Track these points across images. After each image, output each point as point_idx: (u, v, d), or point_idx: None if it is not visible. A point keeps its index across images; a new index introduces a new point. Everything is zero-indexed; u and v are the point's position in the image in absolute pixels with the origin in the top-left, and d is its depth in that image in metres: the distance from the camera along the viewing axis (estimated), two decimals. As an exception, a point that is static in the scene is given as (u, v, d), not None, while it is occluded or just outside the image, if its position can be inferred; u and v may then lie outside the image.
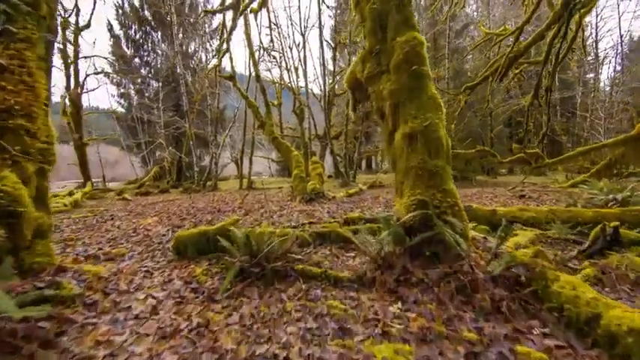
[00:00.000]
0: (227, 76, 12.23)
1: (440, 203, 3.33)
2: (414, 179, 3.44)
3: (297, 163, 10.42)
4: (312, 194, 9.27)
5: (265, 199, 10.06)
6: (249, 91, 14.78)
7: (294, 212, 7.48)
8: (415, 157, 3.46)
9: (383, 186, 15.81)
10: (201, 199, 12.98)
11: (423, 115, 3.51)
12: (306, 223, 5.82)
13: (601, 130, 17.79)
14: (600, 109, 18.01)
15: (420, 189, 3.39)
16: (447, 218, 3.27)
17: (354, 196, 12.47)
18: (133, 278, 3.45)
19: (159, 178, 18.22)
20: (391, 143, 3.82)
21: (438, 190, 3.38)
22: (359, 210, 7.48)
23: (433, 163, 3.42)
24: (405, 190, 3.52)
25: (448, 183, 3.45)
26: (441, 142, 3.50)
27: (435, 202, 3.32)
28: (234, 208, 8.78)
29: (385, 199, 9.55)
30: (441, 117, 3.59)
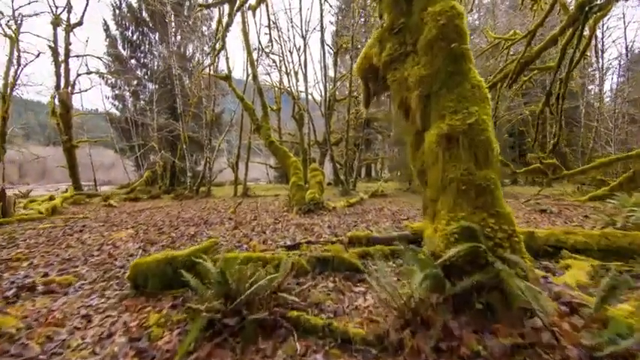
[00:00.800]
0: (222, 76, 11.29)
1: (493, 232, 2.32)
2: (455, 197, 2.44)
3: (295, 170, 9.42)
4: (311, 205, 8.25)
5: (258, 210, 9.03)
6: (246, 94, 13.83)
7: (290, 226, 6.46)
8: (456, 166, 2.46)
9: (385, 195, 14.81)
10: (192, 206, 11.94)
11: (466, 110, 2.52)
12: (303, 243, 4.80)
13: (610, 140, 16.89)
14: (609, 119, 17.13)
15: (465, 211, 2.39)
16: (504, 254, 2.26)
17: (355, 205, 11.47)
18: (57, 332, 2.41)
19: (151, 183, 17.18)
20: (418, 147, 2.82)
21: (490, 212, 2.37)
22: (364, 225, 6.47)
23: (482, 174, 2.42)
24: (441, 212, 2.52)
25: (501, 203, 2.45)
26: (490, 146, 2.51)
27: (486, 231, 2.32)
28: (224, 219, 7.75)
29: (391, 212, 8.54)
30: (488, 112, 2.60)
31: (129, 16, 21.69)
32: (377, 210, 9.02)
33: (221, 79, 11.60)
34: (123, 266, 4.06)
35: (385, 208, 9.56)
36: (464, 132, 2.47)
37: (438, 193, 2.58)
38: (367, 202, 12.18)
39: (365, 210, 8.99)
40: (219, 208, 11.08)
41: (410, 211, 8.63)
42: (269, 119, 10.44)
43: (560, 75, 13.03)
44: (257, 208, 10.23)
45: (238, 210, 9.64)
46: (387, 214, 8.04)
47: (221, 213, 9.44)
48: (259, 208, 10.12)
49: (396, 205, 10.85)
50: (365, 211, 8.80)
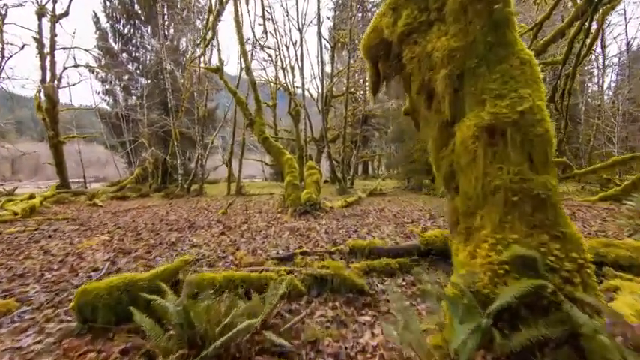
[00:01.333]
0: (213, 68, 10.55)
1: (558, 262, 1.65)
2: (503, 212, 1.76)
3: (290, 168, 8.73)
4: (307, 206, 7.57)
5: (250, 211, 8.34)
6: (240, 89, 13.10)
7: (283, 231, 5.77)
8: (503, 169, 1.79)
9: (384, 194, 14.16)
10: (182, 206, 11.22)
11: (515, 93, 1.85)
12: (297, 253, 4.12)
13: (613, 138, 16.32)
14: (612, 117, 16.56)
15: (517, 231, 1.71)
16: (576, 293, 1.60)
17: (353, 205, 10.82)
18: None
19: (142, 181, 16.41)
20: (445, 144, 2.15)
21: (552, 234, 1.70)
22: (365, 230, 5.79)
23: (541, 181, 1.75)
24: (482, 232, 1.84)
25: (567, 221, 1.78)
26: (550, 143, 1.84)
27: (548, 260, 1.65)
28: (212, 222, 7.04)
29: (392, 213, 7.87)
30: (543, 97, 1.93)
31: (120, 8, 20.79)
32: (377, 211, 8.35)
33: (212, 72, 10.84)
34: (82, 284, 3.36)
35: (386, 208, 8.89)
36: (514, 123, 1.79)
37: (475, 204, 1.90)
38: (366, 202, 11.53)
39: (364, 211, 8.32)
40: (210, 208, 10.38)
41: (412, 213, 7.97)
42: (263, 114, 9.72)
43: (565, 70, 12.42)
44: (249, 209, 9.54)
45: (229, 211, 8.95)
46: (389, 217, 7.37)
47: (210, 214, 8.75)
48: (252, 209, 9.43)
49: (397, 205, 10.19)
50: (365, 212, 8.13)
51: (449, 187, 2.18)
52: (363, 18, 25.33)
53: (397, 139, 18.57)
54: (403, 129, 17.30)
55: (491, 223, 1.79)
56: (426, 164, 16.89)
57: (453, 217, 2.15)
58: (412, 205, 9.92)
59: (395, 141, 19.25)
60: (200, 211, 9.62)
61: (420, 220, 6.94)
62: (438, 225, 6.35)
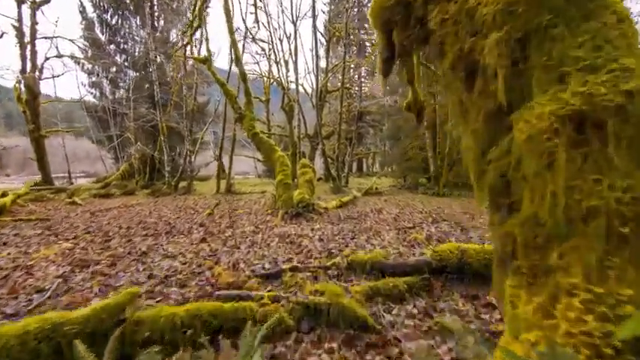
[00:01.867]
0: (201, 58, 9.78)
1: None
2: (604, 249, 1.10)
3: (282, 166, 8.03)
4: (300, 207, 6.90)
5: (234, 216, 7.64)
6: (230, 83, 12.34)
7: (272, 238, 5.09)
8: (602, 180, 1.12)
9: (380, 193, 13.53)
10: (168, 205, 10.48)
11: (615, 64, 1.18)
12: (286, 269, 3.45)
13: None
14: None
15: (632, 282, 1.05)
16: None
17: (348, 205, 10.18)
18: None
19: (128, 177, 15.57)
20: (498, 140, 1.47)
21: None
22: (363, 237, 5.14)
23: (668, 201, 1.09)
24: (564, 278, 1.17)
25: None
26: (672, 140, 1.17)
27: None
28: (194, 225, 6.33)
29: (391, 216, 7.23)
30: (653, 71, 1.26)
31: (107, -3, 19.79)
32: (375, 213, 7.70)
33: (200, 62, 10.08)
34: (16, 314, 2.66)
35: (384, 210, 8.25)
36: (618, 109, 1.13)
37: (550, 233, 1.24)
38: (361, 201, 10.89)
39: (361, 213, 7.66)
40: (197, 207, 9.66)
41: (413, 215, 7.34)
42: (253, 107, 8.99)
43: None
44: (237, 209, 8.83)
45: (216, 211, 8.24)
46: (388, 220, 6.73)
47: (196, 215, 8.04)
48: (240, 210, 8.73)
49: (394, 205, 9.56)
50: (362, 214, 7.47)
51: (498, 203, 1.51)
52: (359, 12, 24.60)
53: (393, 136, 17.94)
54: (400, 126, 16.68)
55: (582, 267, 1.13)
56: (422, 162, 16.33)
57: (506, 245, 1.48)
58: (410, 205, 9.30)
59: (391, 138, 18.63)
60: (185, 212, 8.90)
61: (423, 224, 6.30)
62: (443, 230, 5.72)
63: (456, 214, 7.48)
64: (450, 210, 8.26)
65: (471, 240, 5.05)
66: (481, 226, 6.11)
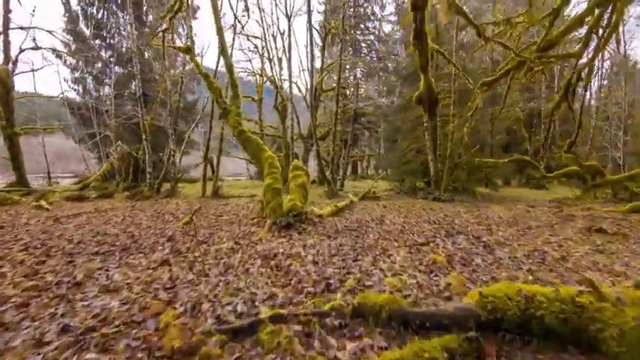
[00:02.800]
0: (183, 47, 8.60)
1: None
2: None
3: (272, 168, 6.89)
4: (290, 217, 5.76)
5: (214, 226, 6.44)
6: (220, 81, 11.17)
7: (254, 260, 3.94)
8: None
9: (377, 198, 12.44)
10: (145, 210, 9.28)
11: None
12: (265, 319, 2.32)
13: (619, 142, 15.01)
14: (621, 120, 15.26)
15: None
16: None
17: (344, 211, 9.11)
18: None
19: (109, 178, 14.28)
20: None
21: None
22: (368, 257, 4.01)
23: None
24: None
25: None
26: None
27: None
28: (161, 239, 5.14)
29: (397, 227, 6.13)
30: None
31: (93, -11, 18.50)
32: (377, 223, 6.59)
33: (181, 51, 8.91)
34: None
35: (386, 218, 7.15)
36: None
37: None
38: (358, 207, 9.81)
39: (361, 223, 6.55)
40: (177, 213, 8.49)
41: (420, 225, 6.25)
42: (240, 102, 7.84)
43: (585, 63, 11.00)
44: (220, 216, 7.67)
45: (195, 219, 7.05)
46: (393, 232, 5.62)
47: (171, 223, 6.88)
48: (223, 218, 7.56)
49: (396, 212, 8.49)
50: (362, 224, 6.36)
51: None
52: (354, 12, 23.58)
53: (390, 138, 16.89)
54: (397, 127, 15.62)
55: None
56: (421, 165, 15.30)
57: None
58: (415, 213, 8.22)
59: (387, 140, 17.57)
60: (161, 218, 7.72)
61: (435, 238, 5.21)
62: (462, 247, 4.64)
63: (469, 225, 6.41)
64: (460, 219, 7.18)
65: (501, 262, 3.97)
66: (505, 241, 5.03)
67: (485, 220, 6.94)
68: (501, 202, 12.77)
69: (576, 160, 7.13)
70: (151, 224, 6.72)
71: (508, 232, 5.66)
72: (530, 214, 7.94)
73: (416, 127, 15.05)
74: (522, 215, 7.72)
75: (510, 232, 5.66)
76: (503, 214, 7.94)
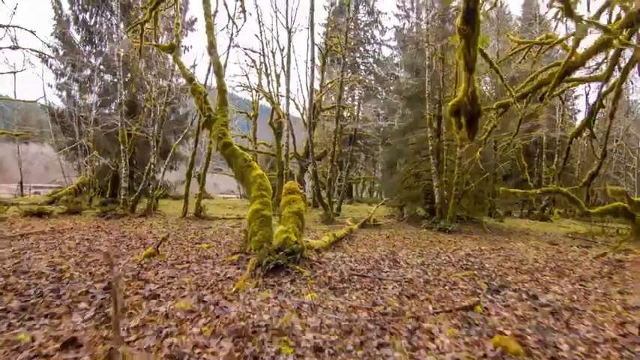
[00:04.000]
0: (166, 46, 7.28)
1: None
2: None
3: (261, 190, 5.41)
4: (282, 256, 4.23)
5: (179, 264, 4.84)
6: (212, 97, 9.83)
7: (219, 342, 2.41)
8: None
9: (379, 226, 10.98)
10: (111, 231, 7.70)
11: None
12: None
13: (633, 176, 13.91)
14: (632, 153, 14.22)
15: None
16: None
17: (343, 241, 7.69)
18: None
19: (81, 192, 12.59)
20: None
21: None
22: (402, 341, 2.51)
23: None
24: None
25: None
26: None
27: None
28: (97, 284, 3.56)
29: (418, 272, 4.64)
30: None
31: (87, -5, 17.34)
32: (390, 264, 5.10)
33: (164, 50, 7.58)
34: None
35: (399, 257, 5.66)
36: None
37: None
38: (359, 236, 8.39)
39: (371, 265, 5.05)
40: (147, 238, 6.96)
41: (447, 271, 4.77)
42: (227, 110, 6.44)
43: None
44: (194, 245, 6.11)
45: (162, 249, 5.47)
46: (418, 284, 4.11)
47: (132, 251, 5.33)
48: (199, 248, 6.01)
49: (406, 246, 7.04)
50: (372, 267, 4.85)
51: None
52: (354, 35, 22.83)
53: (390, 161, 15.59)
54: (399, 150, 14.34)
55: None
56: (424, 191, 13.97)
57: None
58: (427, 249, 6.78)
59: (388, 163, 16.26)
60: (124, 244, 6.17)
61: (477, 294, 3.74)
62: (520, 313, 3.18)
63: (506, 271, 4.95)
64: (488, 261, 5.73)
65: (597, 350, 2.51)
66: (572, 303, 3.57)
67: (522, 265, 5.49)
68: (511, 235, 11.40)
69: (625, 194, 5.80)
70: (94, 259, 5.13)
71: (565, 288, 4.20)
72: (566, 256, 6.52)
73: (419, 151, 13.81)
74: (558, 258, 6.30)
75: (568, 289, 4.20)
76: (534, 255, 6.51)
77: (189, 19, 18.78)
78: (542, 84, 9.21)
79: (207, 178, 26.46)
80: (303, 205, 5.35)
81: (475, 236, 10.34)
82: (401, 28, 27.10)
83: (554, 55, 17.82)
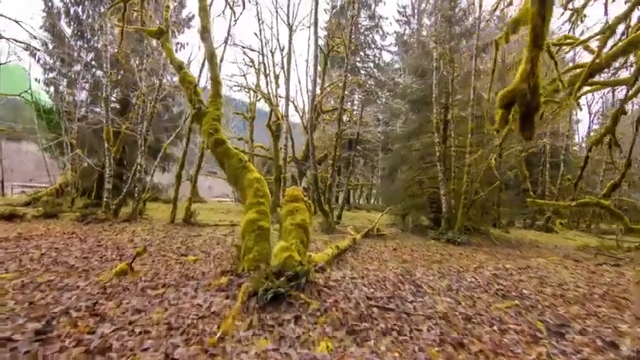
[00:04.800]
0: (153, 30, 6.34)
1: None
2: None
3: (258, 197, 4.46)
4: (282, 283, 3.27)
5: (156, 285, 3.83)
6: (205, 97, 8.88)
7: None
8: None
9: (383, 236, 10.04)
10: (87, 239, 6.69)
11: None
12: None
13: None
14: None
15: None
16: None
17: (347, 254, 6.78)
18: None
19: (63, 193, 11.50)
20: None
21: None
22: None
23: None
24: None
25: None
26: None
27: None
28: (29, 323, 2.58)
29: (450, 303, 3.71)
30: None
31: (80, -12, 16.36)
32: (412, 289, 4.16)
33: (151, 36, 6.64)
34: None
35: (417, 279, 4.73)
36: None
37: None
38: (364, 248, 7.47)
39: (389, 290, 4.11)
40: (125, 249, 6.01)
41: (484, 301, 3.85)
42: (221, 103, 5.50)
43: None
44: (178, 260, 5.12)
45: (139, 266, 4.48)
46: (457, 322, 3.19)
47: (105, 264, 4.36)
48: (184, 262, 5.03)
49: (419, 263, 6.13)
50: (393, 295, 3.90)
51: None
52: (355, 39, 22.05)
53: (393, 167, 14.70)
54: (403, 155, 13.45)
55: None
56: (428, 198, 13.07)
57: None
58: (445, 265, 5.86)
59: (390, 169, 15.38)
60: (96, 256, 5.20)
61: (537, 336, 2.82)
62: None
63: (551, 300, 4.03)
64: (520, 283, 4.82)
65: None
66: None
67: (565, 292, 4.56)
68: (522, 247, 10.55)
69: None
70: (66, 271, 4.15)
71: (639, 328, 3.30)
72: (604, 278, 5.63)
73: (423, 157, 12.94)
74: (597, 281, 5.40)
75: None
76: (568, 276, 5.61)
77: (186, 16, 17.89)
78: (558, 88, 8.44)
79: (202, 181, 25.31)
80: (308, 215, 4.39)
81: (485, 249, 9.47)
82: (402, 34, 26.46)
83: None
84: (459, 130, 11.85)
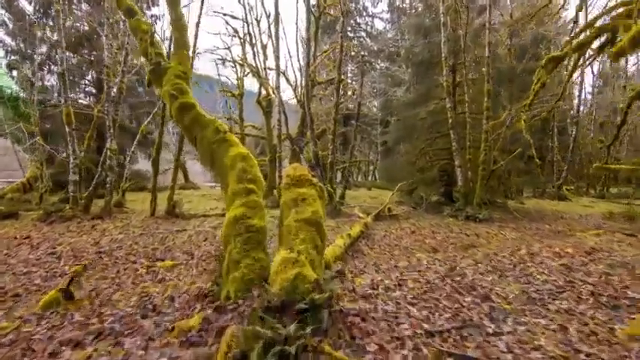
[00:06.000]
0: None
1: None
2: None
3: (244, 181, 2.98)
4: (296, 330, 1.83)
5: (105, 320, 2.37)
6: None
7: None
8: None
9: (396, 216, 8.67)
10: (37, 247, 5.21)
11: None
12: None
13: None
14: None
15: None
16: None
17: (360, 242, 5.46)
18: None
19: (32, 188, 9.88)
20: None
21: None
22: None
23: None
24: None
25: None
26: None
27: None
28: None
29: (538, 315, 2.34)
30: None
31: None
32: (478, 302, 2.78)
33: None
34: None
35: (470, 277, 3.34)
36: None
37: None
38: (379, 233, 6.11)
39: (439, 301, 2.73)
40: (87, 254, 4.55)
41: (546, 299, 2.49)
42: (188, 59, 3.90)
43: None
44: (152, 267, 3.69)
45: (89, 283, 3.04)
46: None
47: (47, 285, 2.93)
48: (158, 269, 3.61)
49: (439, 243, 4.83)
50: (458, 314, 2.53)
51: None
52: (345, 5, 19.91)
53: (399, 139, 13.14)
54: (412, 124, 11.88)
55: None
56: (439, 171, 11.65)
57: None
58: (480, 249, 4.52)
59: (396, 142, 13.85)
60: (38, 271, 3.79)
61: None
62: None
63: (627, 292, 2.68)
64: (604, 274, 3.46)
65: None
66: None
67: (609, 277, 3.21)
68: (546, 219, 9.26)
69: None
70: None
71: None
72: None
73: (432, 126, 11.38)
74: None
75: None
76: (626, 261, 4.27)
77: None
78: (581, 44, 6.90)
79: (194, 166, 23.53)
80: (321, 205, 2.93)
81: (511, 225, 8.16)
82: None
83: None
84: (472, 93, 10.29)
